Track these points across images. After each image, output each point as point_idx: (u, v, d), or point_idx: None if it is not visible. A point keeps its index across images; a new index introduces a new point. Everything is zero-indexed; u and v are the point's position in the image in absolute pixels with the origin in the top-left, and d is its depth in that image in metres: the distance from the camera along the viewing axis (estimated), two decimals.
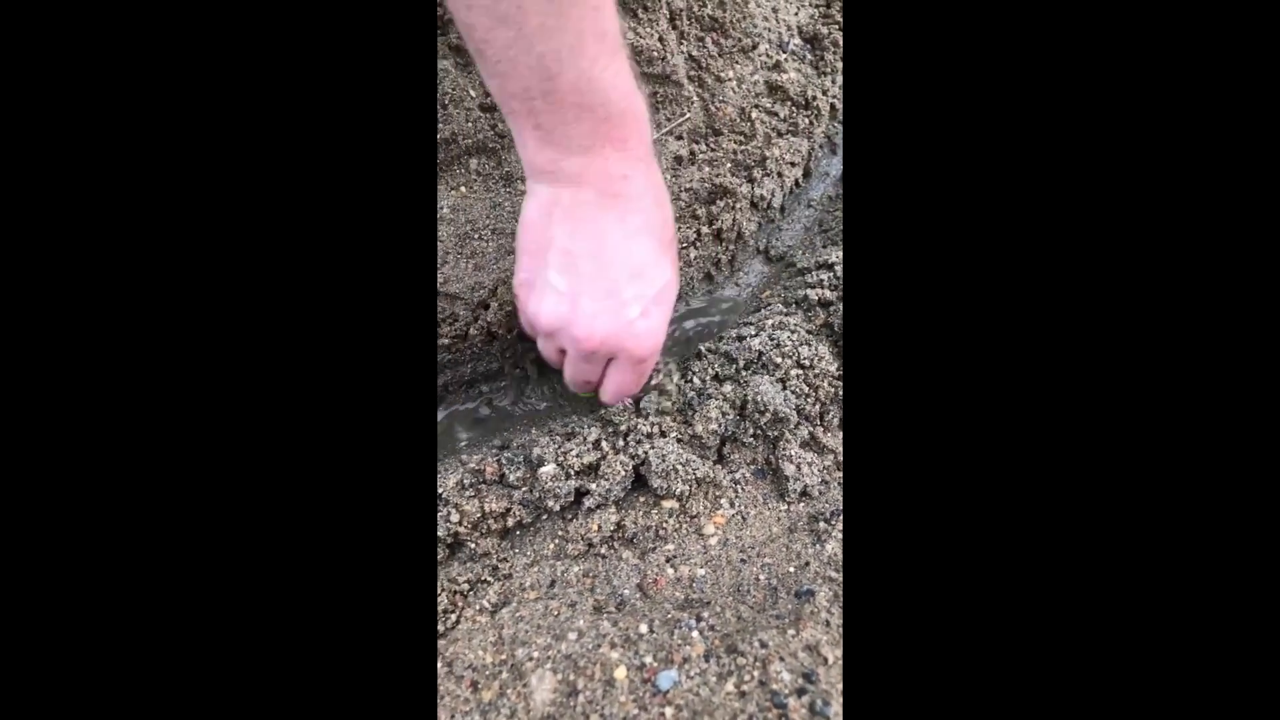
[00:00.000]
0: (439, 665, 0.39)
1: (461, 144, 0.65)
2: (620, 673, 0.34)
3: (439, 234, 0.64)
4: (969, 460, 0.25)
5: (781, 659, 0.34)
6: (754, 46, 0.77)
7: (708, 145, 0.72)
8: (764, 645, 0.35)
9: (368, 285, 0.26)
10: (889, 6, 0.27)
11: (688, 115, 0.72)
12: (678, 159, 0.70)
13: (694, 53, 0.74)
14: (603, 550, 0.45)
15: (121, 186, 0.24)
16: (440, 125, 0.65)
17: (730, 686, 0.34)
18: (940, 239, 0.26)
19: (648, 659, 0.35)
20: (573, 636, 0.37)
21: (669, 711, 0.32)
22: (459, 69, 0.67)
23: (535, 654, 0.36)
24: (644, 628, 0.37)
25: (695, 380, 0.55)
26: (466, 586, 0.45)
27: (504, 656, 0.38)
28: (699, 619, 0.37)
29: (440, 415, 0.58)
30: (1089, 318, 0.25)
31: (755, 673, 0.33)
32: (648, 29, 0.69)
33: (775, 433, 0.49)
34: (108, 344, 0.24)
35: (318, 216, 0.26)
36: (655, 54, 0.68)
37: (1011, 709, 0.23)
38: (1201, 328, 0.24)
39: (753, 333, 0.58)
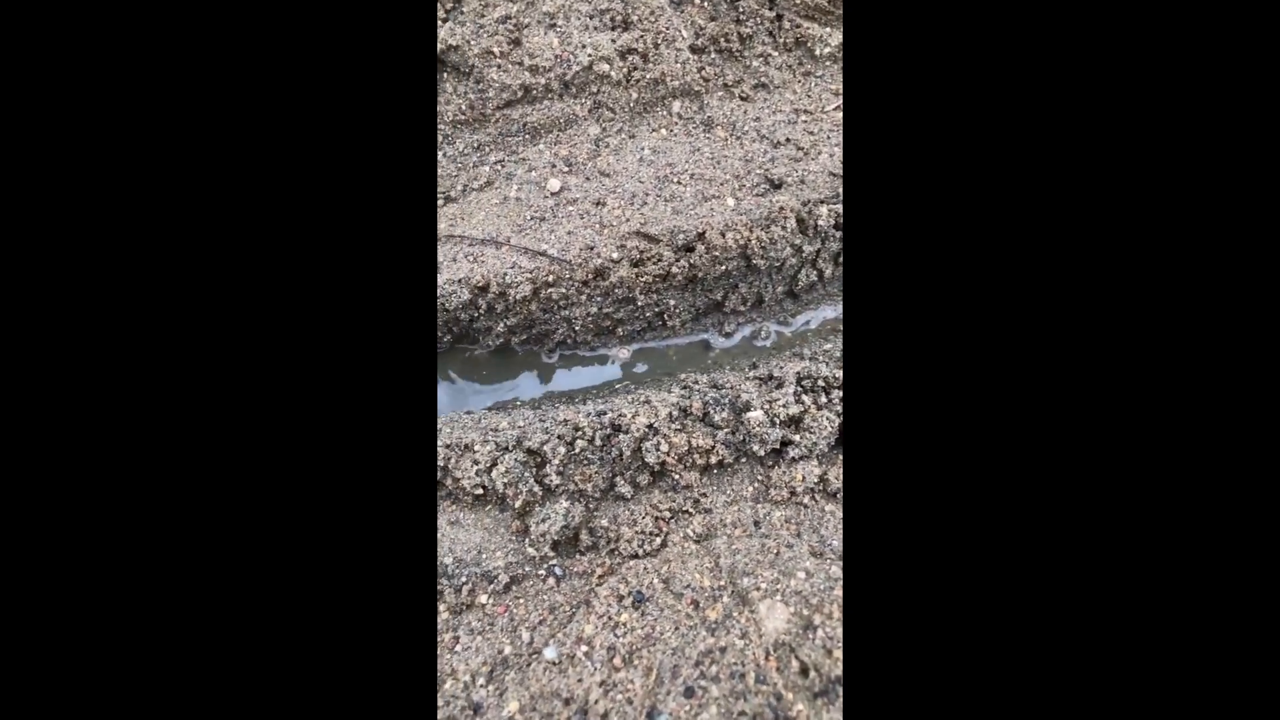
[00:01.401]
0: (655, 580, 0.42)
1: (668, 85, 0.65)
2: None
3: (639, 175, 0.64)
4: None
5: None
6: None
7: None
8: None
9: (366, 272, 0.26)
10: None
11: None
12: None
13: None
14: (805, 500, 0.46)
15: (133, 171, 0.25)
16: (649, 65, 0.65)
17: None
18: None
19: None
20: (801, 575, 0.38)
21: None
22: (673, 7, 0.67)
23: (763, 585, 0.38)
24: None
25: None
26: (669, 514, 0.47)
27: (723, 583, 0.40)
28: None
29: (630, 351, 0.60)
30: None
31: None
32: None
33: None
34: (154, 323, 0.25)
35: (315, 200, 0.26)
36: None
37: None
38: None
39: None
